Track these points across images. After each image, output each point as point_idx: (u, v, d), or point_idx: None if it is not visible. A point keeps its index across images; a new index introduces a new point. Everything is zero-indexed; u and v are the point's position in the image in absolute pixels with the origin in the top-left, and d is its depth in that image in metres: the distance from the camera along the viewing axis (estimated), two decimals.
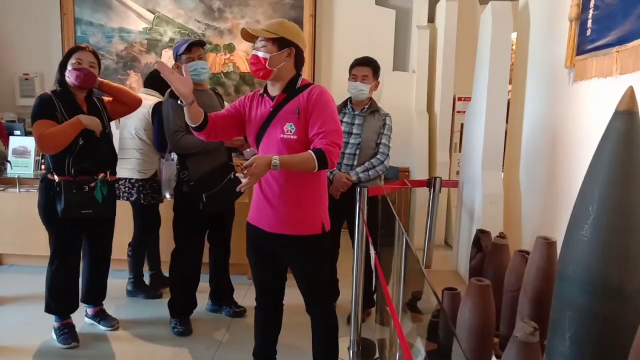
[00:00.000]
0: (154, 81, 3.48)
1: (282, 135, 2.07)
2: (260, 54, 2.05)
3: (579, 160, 2.00)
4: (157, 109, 3.23)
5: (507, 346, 1.10)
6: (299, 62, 2.14)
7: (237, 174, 3.09)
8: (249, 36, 2.10)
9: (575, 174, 2.01)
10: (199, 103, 2.89)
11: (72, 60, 2.70)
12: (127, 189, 3.40)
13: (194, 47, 2.91)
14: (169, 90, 2.97)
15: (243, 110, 2.23)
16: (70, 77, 2.70)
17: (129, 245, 3.60)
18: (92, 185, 2.74)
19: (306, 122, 2.06)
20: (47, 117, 2.64)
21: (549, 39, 2.35)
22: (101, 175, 2.78)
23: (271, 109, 2.12)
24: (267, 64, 2.04)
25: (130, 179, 3.38)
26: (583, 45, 1.98)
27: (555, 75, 2.24)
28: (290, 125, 2.06)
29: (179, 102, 2.08)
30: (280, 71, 2.08)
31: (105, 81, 2.91)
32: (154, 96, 3.45)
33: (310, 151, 2.00)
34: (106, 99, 2.95)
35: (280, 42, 2.06)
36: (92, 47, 2.84)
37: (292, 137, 2.06)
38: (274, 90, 2.14)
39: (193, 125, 2.14)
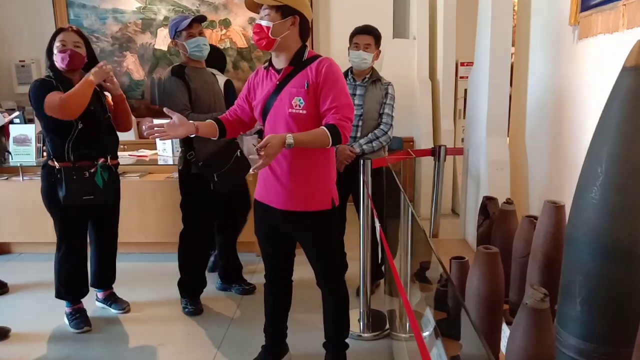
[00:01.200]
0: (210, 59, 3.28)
1: (290, 110, 2.03)
2: (264, 23, 2.00)
3: (586, 121, 1.95)
4: (227, 85, 3.17)
5: (517, 313, 1.08)
6: (304, 32, 2.08)
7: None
8: (253, 6, 2.04)
9: (582, 136, 1.97)
10: (202, 83, 2.89)
11: (57, 44, 2.65)
12: None
13: (194, 23, 2.87)
14: (170, 68, 2.94)
15: (248, 92, 2.22)
16: (57, 60, 2.65)
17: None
18: (92, 170, 2.72)
19: (315, 96, 2.02)
20: (54, 90, 2.60)
21: None
22: (101, 160, 2.76)
23: (277, 82, 2.08)
24: (270, 33, 2.00)
25: None
26: (587, 0, 1.91)
27: (559, 35, 2.18)
28: (299, 100, 2.02)
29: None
30: (284, 41, 2.03)
31: (124, 96, 2.90)
32: (217, 74, 3.25)
33: (323, 127, 1.97)
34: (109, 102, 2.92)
35: (284, 10, 2.00)
36: (76, 27, 2.79)
37: (301, 111, 2.02)
38: (280, 62, 2.10)
39: (215, 139, 2.22)
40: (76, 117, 2.63)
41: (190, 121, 2.13)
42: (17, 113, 3.08)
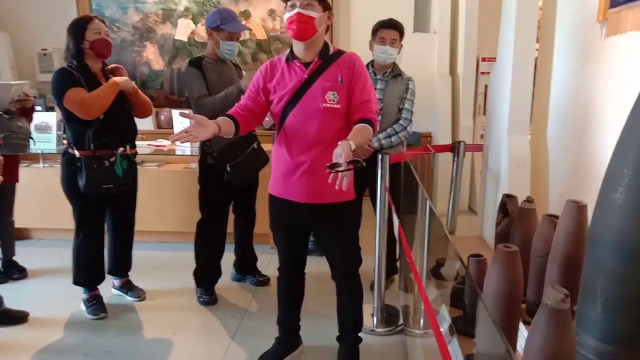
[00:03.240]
0: None
1: (324, 105, 2.03)
2: (307, 12, 1.98)
3: (612, 120, 1.91)
4: None
5: (536, 313, 1.07)
6: (329, 28, 2.14)
7: (261, 144, 3.08)
8: None
9: (607, 135, 1.92)
10: (219, 75, 2.90)
11: (91, 32, 2.67)
12: None
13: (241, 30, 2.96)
14: (189, 59, 2.96)
15: (264, 85, 2.16)
16: (96, 48, 2.68)
17: None
18: (112, 160, 2.74)
19: (348, 90, 2.05)
20: (76, 85, 2.64)
21: None
22: (120, 149, 2.78)
23: (306, 76, 2.07)
24: (315, 24, 2.00)
25: None
26: None
27: (585, 31, 2.13)
28: (334, 94, 2.03)
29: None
30: (320, 34, 2.06)
31: (136, 88, 2.90)
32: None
33: (365, 125, 1.99)
34: None
35: (324, 4, 2.04)
36: (100, 17, 2.83)
37: (335, 106, 2.04)
38: (308, 55, 2.09)
39: (229, 137, 2.16)
40: (95, 117, 2.67)
41: (212, 121, 2.01)
42: (26, 82, 3.13)
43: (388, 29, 2.94)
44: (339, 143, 1.81)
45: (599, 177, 1.03)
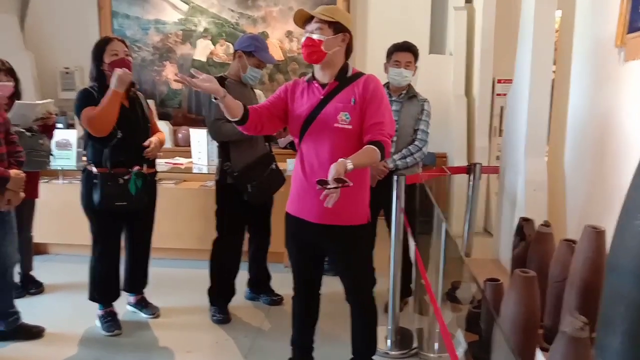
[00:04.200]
0: None
1: (336, 125, 2.06)
2: (316, 36, 2.04)
3: (631, 145, 1.89)
4: None
5: (555, 340, 1.06)
6: (349, 50, 2.15)
7: (277, 164, 3.11)
8: (300, 21, 2.09)
9: (625, 161, 1.91)
10: (240, 97, 2.92)
11: (108, 54, 2.72)
12: None
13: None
14: None
15: (286, 98, 2.20)
16: (113, 70, 2.72)
17: None
18: (126, 177, 2.77)
19: (362, 112, 2.06)
20: (92, 104, 2.68)
21: (597, 17, 2.23)
22: (136, 168, 2.81)
23: (322, 97, 2.10)
24: (322, 47, 2.04)
25: None
26: (636, 22, 1.86)
27: (603, 56, 2.13)
28: (346, 115, 2.06)
29: (212, 98, 2.03)
30: (333, 56, 2.08)
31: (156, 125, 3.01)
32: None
33: (372, 146, 1.99)
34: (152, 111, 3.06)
35: (336, 27, 2.07)
36: (120, 37, 2.88)
37: (347, 126, 2.06)
38: (325, 77, 2.13)
39: (234, 120, 2.09)
40: (107, 134, 2.70)
41: (223, 88, 2.00)
42: (50, 100, 3.28)
43: (403, 52, 2.97)
44: (339, 160, 1.84)
45: (618, 202, 1.02)
